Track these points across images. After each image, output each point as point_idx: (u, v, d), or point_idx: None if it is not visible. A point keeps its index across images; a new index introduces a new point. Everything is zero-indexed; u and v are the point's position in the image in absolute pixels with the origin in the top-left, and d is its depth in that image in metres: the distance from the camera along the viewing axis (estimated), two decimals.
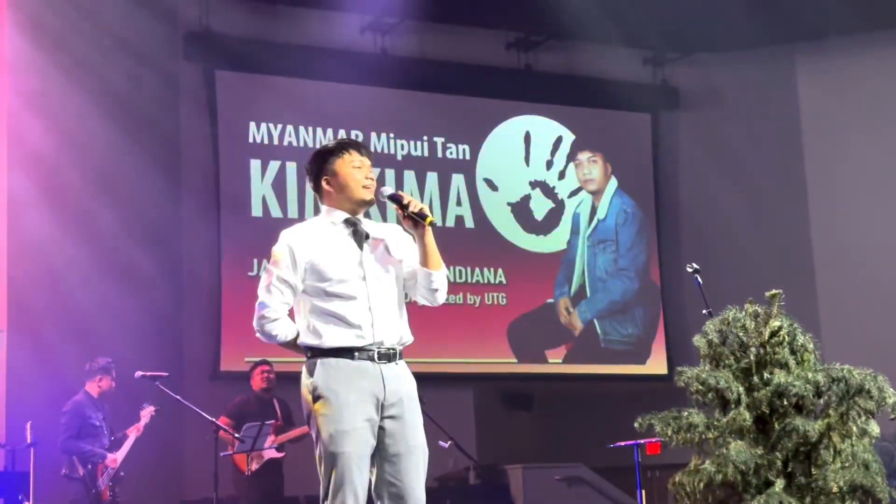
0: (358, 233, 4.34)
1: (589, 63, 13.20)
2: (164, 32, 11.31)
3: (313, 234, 4.33)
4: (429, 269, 4.32)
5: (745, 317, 4.16)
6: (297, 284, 4.25)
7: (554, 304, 12.88)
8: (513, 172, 12.94)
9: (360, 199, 4.35)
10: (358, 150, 4.40)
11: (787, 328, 4.11)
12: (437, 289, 4.36)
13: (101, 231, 10.39)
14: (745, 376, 4.06)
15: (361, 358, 4.20)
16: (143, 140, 10.79)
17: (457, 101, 12.75)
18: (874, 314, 11.96)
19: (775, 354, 4.04)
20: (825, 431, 3.90)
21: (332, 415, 4.15)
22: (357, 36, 12.21)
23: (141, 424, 8.69)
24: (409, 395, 4.27)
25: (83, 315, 10.09)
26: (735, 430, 3.95)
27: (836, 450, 3.86)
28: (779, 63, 13.34)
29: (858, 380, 3.92)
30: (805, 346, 4.09)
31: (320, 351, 4.22)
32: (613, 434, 9.29)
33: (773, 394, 3.93)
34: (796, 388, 3.88)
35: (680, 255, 12.93)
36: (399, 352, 4.31)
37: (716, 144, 13.45)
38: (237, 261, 11.37)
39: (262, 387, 9.26)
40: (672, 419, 4.02)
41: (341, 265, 4.26)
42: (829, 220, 12.94)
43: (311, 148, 11.81)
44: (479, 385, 12.25)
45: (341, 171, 4.34)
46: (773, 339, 4.06)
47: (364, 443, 4.15)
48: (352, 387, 4.17)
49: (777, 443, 3.92)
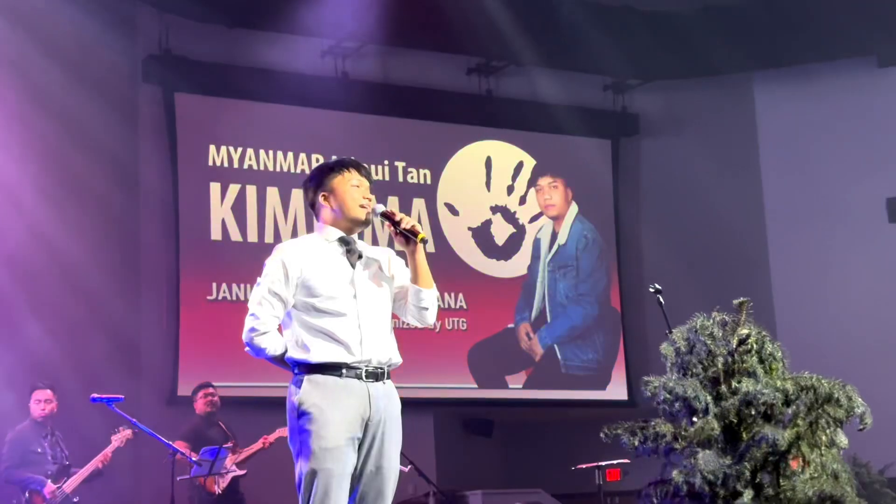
0: (351, 251, 4.35)
1: (550, 89, 13.23)
2: (123, 54, 11.22)
3: (307, 249, 4.34)
4: (419, 286, 4.34)
5: (712, 325, 4.14)
6: (288, 298, 4.26)
7: (514, 329, 12.86)
8: (474, 197, 12.93)
9: (356, 217, 4.36)
10: (358, 169, 4.41)
11: (756, 336, 4.09)
12: (427, 307, 4.38)
13: (57, 252, 10.25)
14: (712, 385, 4.04)
15: (349, 376, 4.19)
16: (100, 161, 10.68)
17: (418, 125, 12.75)
18: (830, 337, 12.04)
19: (743, 363, 4.02)
20: (794, 441, 3.88)
21: (317, 431, 4.14)
22: (318, 60, 12.18)
23: (109, 450, 8.53)
24: (392, 416, 4.28)
25: (37, 337, 9.94)
26: (703, 440, 3.92)
27: (806, 460, 3.85)
28: (738, 89, 13.47)
29: (827, 388, 3.91)
30: (773, 354, 4.07)
31: (307, 366, 4.21)
32: (574, 459, 9.30)
33: (742, 402, 3.91)
34: (765, 396, 3.87)
35: (640, 280, 12.95)
36: (387, 371, 4.30)
37: (676, 170, 13.52)
38: (196, 284, 11.26)
39: (207, 410, 9.24)
40: (639, 429, 3.99)
41: (332, 282, 4.26)
42: (788, 245, 13.04)
43: (272, 171, 11.82)
44: (439, 410, 12.19)
45: (339, 189, 4.36)
46: (741, 347, 4.04)
47: (346, 461, 4.15)
48: (338, 404, 4.16)
49: (745, 452, 3.90)
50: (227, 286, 11.34)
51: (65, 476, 8.45)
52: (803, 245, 12.93)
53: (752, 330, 4.13)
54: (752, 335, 4.09)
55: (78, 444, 8.80)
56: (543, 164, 13.32)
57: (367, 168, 4.47)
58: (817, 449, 3.90)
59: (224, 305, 11.25)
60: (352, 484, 4.19)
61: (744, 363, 4.04)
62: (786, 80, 13.23)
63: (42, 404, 8.56)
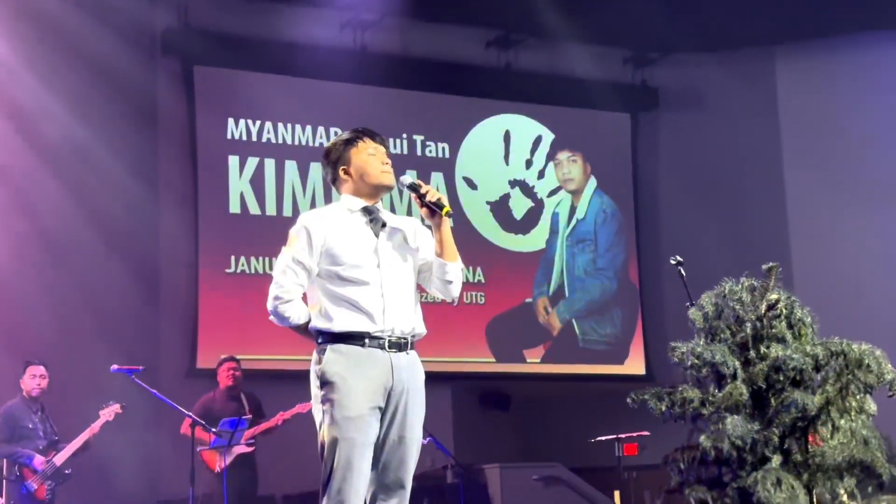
0: (375, 220, 4.33)
1: (569, 62, 13.15)
2: (142, 28, 11.20)
3: (330, 218, 4.32)
4: (444, 259, 4.32)
5: (741, 290, 4.10)
6: (312, 267, 4.24)
7: (532, 303, 12.84)
8: (492, 171, 12.90)
9: (380, 183, 4.35)
10: (372, 137, 4.40)
11: (785, 301, 4.05)
12: (452, 280, 4.35)
13: (76, 227, 10.27)
14: (741, 350, 4.01)
15: (372, 345, 4.18)
16: (119, 135, 10.68)
17: (436, 98, 12.70)
18: (851, 311, 11.96)
19: (772, 328, 3.98)
20: (823, 406, 3.84)
21: (340, 400, 4.13)
22: (337, 33, 12.13)
23: (97, 425, 8.54)
24: (415, 386, 4.25)
25: (55, 308, 9.98)
26: (731, 406, 3.89)
27: (835, 425, 3.82)
28: (758, 63, 13.37)
29: (857, 354, 3.87)
30: (803, 319, 4.03)
31: (330, 336, 4.20)
32: (591, 434, 9.28)
33: (771, 368, 3.87)
34: (794, 361, 3.83)
35: (659, 255, 12.91)
36: (410, 342, 4.28)
37: (695, 144, 13.45)
38: (214, 257, 11.27)
39: (228, 384, 9.22)
40: (666, 394, 3.96)
41: (356, 250, 4.25)
42: (808, 220, 12.97)
43: (290, 144, 11.80)
44: (457, 384, 12.18)
45: (357, 159, 4.35)
46: (770, 312, 4.00)
47: (369, 431, 4.14)
48: (361, 374, 4.15)
49: (774, 418, 3.87)
50: (245, 259, 11.34)
51: (54, 450, 8.48)
52: (824, 219, 12.86)
53: (781, 295, 4.09)
54: (782, 300, 4.05)
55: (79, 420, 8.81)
56: (562, 138, 13.26)
57: (380, 135, 4.45)
58: (847, 415, 3.87)
59: (243, 278, 11.26)
60: (375, 453, 4.18)
61: (773, 328, 4.01)
62: (807, 53, 13.12)
63: (37, 380, 8.60)
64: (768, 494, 3.72)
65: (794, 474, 3.82)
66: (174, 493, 9.44)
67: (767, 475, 3.76)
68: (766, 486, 3.75)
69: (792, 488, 3.76)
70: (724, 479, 4.02)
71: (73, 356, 9.68)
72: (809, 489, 3.82)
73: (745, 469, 3.88)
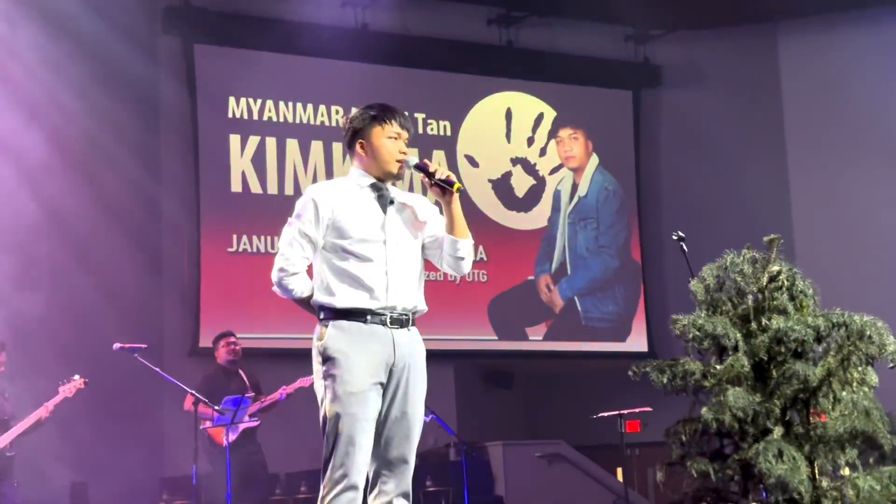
0: (383, 197, 4.33)
1: (570, 40, 13.15)
2: (143, 5, 11.18)
3: (339, 191, 4.32)
4: (455, 236, 4.32)
5: (742, 262, 4.10)
6: (318, 239, 4.25)
7: (535, 281, 12.84)
8: (494, 149, 12.89)
9: (388, 171, 4.34)
10: (399, 120, 4.36)
11: (787, 273, 4.05)
12: (463, 257, 4.37)
13: (77, 206, 10.27)
14: (742, 322, 4.01)
15: (373, 322, 4.19)
16: (121, 114, 10.67)
17: (438, 76, 12.68)
18: (855, 290, 11.94)
19: (774, 300, 3.98)
20: (825, 378, 3.85)
21: (342, 376, 4.14)
22: (338, 10, 12.11)
23: (52, 403, 8.31)
24: (417, 362, 4.26)
25: (56, 289, 9.99)
26: (732, 378, 3.89)
27: (836, 397, 3.82)
28: (761, 41, 13.35)
29: (859, 325, 3.87)
30: (804, 291, 4.03)
31: (332, 311, 4.21)
32: (594, 411, 9.28)
33: (772, 340, 3.87)
34: (796, 332, 3.83)
35: (661, 233, 12.91)
36: (412, 318, 4.28)
37: (697, 122, 13.42)
38: (216, 236, 11.29)
39: (228, 359, 9.13)
40: (668, 367, 3.96)
41: (363, 225, 4.25)
42: (811, 198, 12.97)
43: (291, 123, 11.79)
44: (460, 362, 12.20)
45: (376, 140, 4.32)
46: (771, 284, 4.00)
47: (371, 406, 4.15)
48: (362, 349, 4.16)
49: (775, 390, 3.87)
50: (247, 238, 11.35)
51: (3, 430, 8.31)
52: (826, 193, 12.85)
53: (782, 266, 4.09)
54: (783, 272, 4.05)
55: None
56: (564, 116, 13.24)
57: (407, 119, 4.42)
58: (848, 386, 3.87)
59: (244, 257, 11.27)
60: (377, 429, 4.19)
61: (774, 300, 4.00)
62: (810, 29, 13.09)
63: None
64: (770, 466, 3.73)
65: (796, 446, 3.83)
66: (178, 470, 9.46)
67: (769, 447, 3.77)
68: (768, 457, 3.76)
69: (793, 459, 3.76)
70: (726, 451, 4.02)
71: (76, 335, 9.69)
72: (811, 460, 3.82)
73: (747, 441, 3.89)
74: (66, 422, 8.96)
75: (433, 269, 4.55)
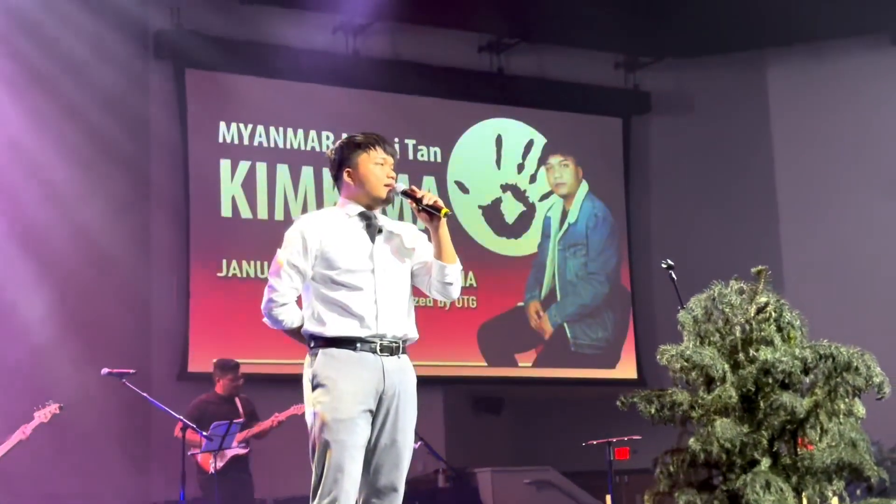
0: (371, 226, 4.36)
1: (561, 67, 13.21)
2: (134, 30, 11.19)
3: (327, 222, 4.36)
4: (443, 261, 4.35)
5: (730, 293, 4.12)
6: (306, 270, 4.28)
7: (524, 307, 12.85)
8: (484, 175, 12.91)
9: (377, 196, 4.38)
10: (384, 147, 4.41)
11: (774, 304, 4.07)
12: (451, 282, 4.40)
13: (67, 229, 10.26)
14: (730, 353, 4.03)
15: (363, 349, 4.22)
16: (111, 137, 10.67)
17: (428, 102, 12.71)
18: (843, 321, 11.96)
19: (761, 331, 4.00)
20: (812, 409, 3.86)
21: (330, 403, 4.17)
22: (329, 36, 12.15)
23: (29, 427, 8.28)
24: (407, 390, 4.30)
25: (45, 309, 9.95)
26: (720, 409, 3.91)
27: (823, 428, 3.83)
28: (750, 68, 13.42)
29: (846, 356, 3.89)
30: (792, 322, 4.05)
31: (323, 340, 4.25)
32: (583, 438, 9.27)
33: (760, 371, 3.89)
34: (783, 364, 3.84)
35: (650, 259, 12.93)
36: (402, 346, 4.32)
37: (687, 149, 13.49)
38: (206, 261, 11.27)
39: (229, 393, 9.15)
40: (655, 397, 3.97)
41: (351, 255, 4.28)
42: (799, 225, 13.01)
43: (282, 148, 11.80)
44: (449, 388, 12.18)
45: (363, 167, 4.37)
46: (759, 315, 4.02)
47: (360, 433, 4.18)
48: (351, 377, 4.19)
49: (763, 421, 3.88)
50: (237, 263, 11.34)
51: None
52: (815, 223, 12.89)
53: (770, 298, 4.11)
54: (771, 303, 4.07)
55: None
56: (554, 143, 13.28)
57: (392, 145, 4.47)
58: (835, 417, 3.89)
59: (234, 282, 11.26)
60: (367, 457, 4.22)
61: (762, 331, 4.02)
62: (798, 57, 13.17)
63: None
64: (757, 497, 3.73)
65: (783, 477, 3.84)
66: (165, 496, 9.43)
67: (756, 478, 3.78)
68: (756, 488, 3.77)
69: (781, 491, 3.77)
70: (714, 482, 4.03)
71: (64, 359, 9.66)
72: (798, 492, 3.84)
73: (735, 472, 3.90)
74: (52, 447, 8.96)
75: (422, 295, 4.56)
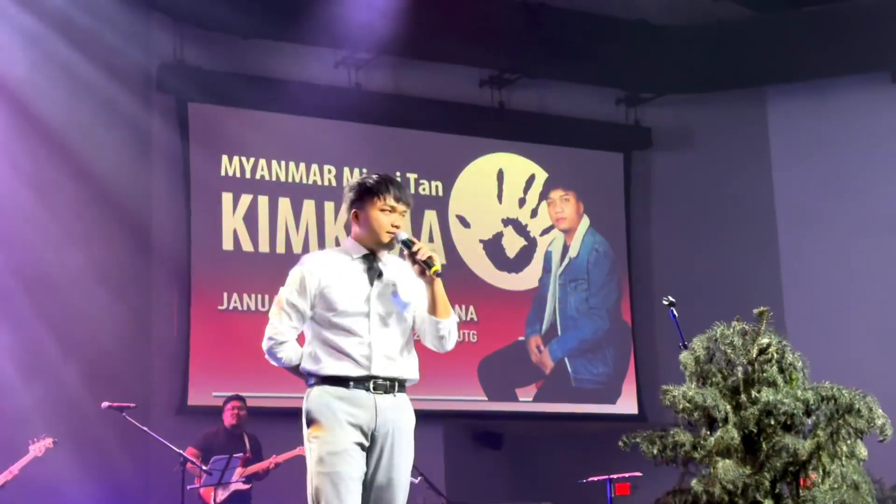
0: (372, 269, 4.40)
1: (562, 102, 13.25)
2: (137, 63, 11.23)
3: (330, 263, 4.41)
4: (436, 317, 4.39)
5: (732, 334, 4.12)
6: (305, 310, 4.34)
7: (525, 342, 12.82)
8: (485, 210, 12.92)
9: (379, 242, 4.40)
10: (395, 193, 4.41)
11: (776, 346, 4.07)
12: (444, 336, 4.44)
13: (69, 262, 10.26)
14: (732, 394, 4.02)
15: (357, 387, 4.26)
16: (114, 171, 10.70)
17: (430, 137, 12.73)
18: (841, 352, 11.97)
19: (763, 372, 4.00)
20: (814, 451, 3.85)
21: (325, 437, 4.22)
22: (331, 70, 12.19)
23: (24, 461, 8.27)
24: (401, 428, 4.31)
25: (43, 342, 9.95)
26: (722, 450, 3.89)
27: (826, 470, 3.82)
28: (750, 104, 13.45)
29: (848, 398, 3.88)
30: (794, 364, 4.05)
31: (318, 378, 4.31)
32: (583, 473, 9.26)
33: (762, 412, 3.88)
34: (785, 405, 3.84)
35: (651, 294, 12.91)
36: (398, 385, 4.33)
37: (688, 184, 13.50)
38: (207, 294, 11.25)
39: (232, 423, 9.31)
40: (658, 437, 3.96)
41: (348, 298, 4.33)
42: (800, 260, 12.99)
43: (284, 182, 11.82)
44: (449, 422, 12.14)
45: (371, 212, 4.39)
46: (761, 356, 4.02)
47: (356, 465, 4.21)
48: (344, 412, 4.23)
49: (765, 462, 3.87)
50: (238, 296, 11.33)
51: None
52: (816, 259, 12.87)
53: (772, 339, 4.11)
54: (773, 344, 4.07)
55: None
56: (555, 177, 13.30)
57: (405, 193, 4.47)
58: (837, 459, 3.88)
59: (235, 315, 11.24)
60: (363, 495, 4.24)
61: (764, 372, 4.02)
62: (799, 94, 13.20)
63: None
64: None
65: None
66: None
67: None
68: None
69: None
70: None
71: (62, 392, 9.66)
72: None
73: None
74: (52, 481, 8.93)
75: None
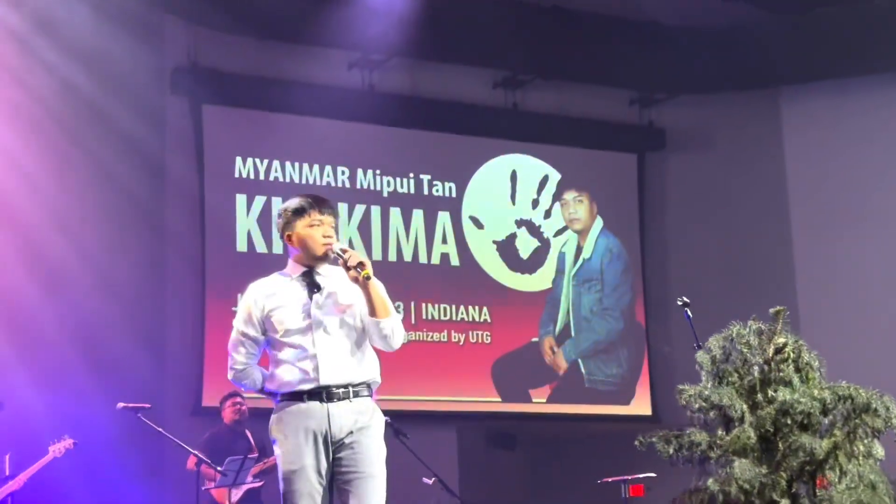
0: (311, 284, 4.59)
1: (575, 103, 13.24)
2: (151, 65, 11.24)
3: (271, 287, 4.64)
4: (377, 318, 4.53)
5: (748, 333, 4.12)
6: (257, 336, 4.60)
7: (538, 343, 12.82)
8: (499, 211, 12.92)
9: (316, 256, 4.62)
10: (320, 208, 4.65)
11: (792, 345, 4.07)
12: (388, 335, 4.57)
13: (83, 265, 10.28)
14: (748, 394, 4.02)
15: (311, 400, 4.48)
16: (128, 173, 10.71)
17: (444, 138, 12.74)
18: (861, 362, 11.91)
19: (780, 372, 4.00)
20: (831, 450, 3.85)
21: (283, 456, 4.48)
22: (345, 72, 12.20)
23: (43, 461, 8.29)
24: (359, 428, 4.50)
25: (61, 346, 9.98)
26: (738, 449, 3.90)
27: (842, 470, 3.82)
28: (764, 104, 13.42)
29: (865, 398, 3.88)
30: (810, 363, 4.05)
31: (277, 396, 4.58)
32: (597, 474, 9.25)
33: (778, 412, 3.88)
34: (802, 405, 3.84)
35: (665, 295, 12.88)
36: (351, 391, 4.51)
37: (701, 185, 13.48)
38: (221, 296, 11.26)
39: (234, 419, 9.30)
40: (674, 437, 3.97)
41: (290, 317, 4.53)
42: (815, 260, 12.96)
43: (298, 183, 11.83)
44: (463, 424, 12.15)
45: (301, 231, 4.62)
46: (777, 356, 4.02)
47: (312, 481, 4.43)
48: (299, 429, 4.46)
49: (782, 462, 3.87)
50: None
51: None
52: (830, 260, 12.84)
53: (788, 339, 4.11)
54: (789, 344, 4.07)
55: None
56: (569, 178, 13.29)
57: (330, 206, 4.71)
58: (854, 459, 3.87)
59: None
60: (341, 496, 4.48)
61: (780, 372, 4.02)
62: (813, 95, 13.17)
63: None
64: None
65: None
66: None
67: None
68: None
69: None
70: None
71: (78, 393, 9.68)
72: None
73: None
74: (66, 482, 8.96)
75: (436, 330, 4.62)
